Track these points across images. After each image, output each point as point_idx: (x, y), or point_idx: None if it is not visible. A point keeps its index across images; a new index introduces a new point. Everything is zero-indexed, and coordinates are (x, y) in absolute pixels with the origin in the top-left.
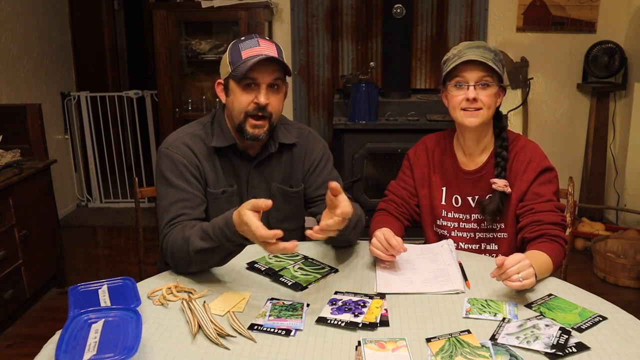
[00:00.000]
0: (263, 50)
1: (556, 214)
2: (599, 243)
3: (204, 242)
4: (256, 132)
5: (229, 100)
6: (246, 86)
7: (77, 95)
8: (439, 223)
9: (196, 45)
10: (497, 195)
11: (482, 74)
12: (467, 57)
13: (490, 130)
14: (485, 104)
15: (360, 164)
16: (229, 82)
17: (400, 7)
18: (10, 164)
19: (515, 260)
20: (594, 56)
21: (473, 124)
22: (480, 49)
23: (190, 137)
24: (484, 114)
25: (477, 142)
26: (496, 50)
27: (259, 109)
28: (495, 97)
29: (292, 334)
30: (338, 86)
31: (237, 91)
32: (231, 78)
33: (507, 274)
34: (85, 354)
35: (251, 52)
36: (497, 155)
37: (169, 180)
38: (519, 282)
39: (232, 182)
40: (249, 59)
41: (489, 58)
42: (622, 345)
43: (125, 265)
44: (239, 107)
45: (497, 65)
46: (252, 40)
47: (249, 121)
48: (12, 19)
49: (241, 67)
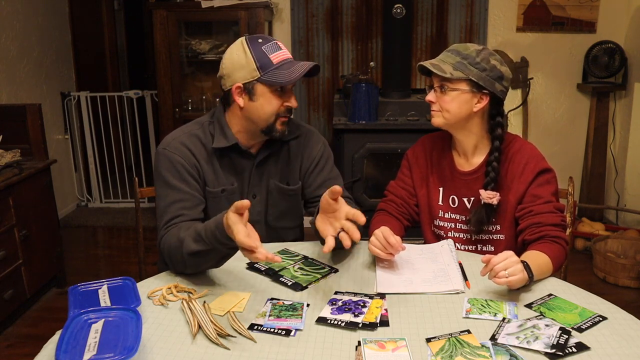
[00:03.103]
0: (287, 54)
1: (556, 215)
2: (599, 243)
3: (197, 245)
4: (284, 128)
5: (254, 105)
6: (278, 90)
7: (77, 95)
8: (436, 223)
9: (196, 45)
10: (483, 206)
11: (444, 80)
12: (423, 62)
13: (481, 132)
14: (443, 108)
15: (360, 164)
16: (256, 86)
17: (400, 7)
18: (10, 164)
19: (502, 257)
20: (594, 56)
21: (435, 124)
22: (449, 53)
23: (188, 137)
24: (446, 116)
25: (468, 143)
26: (473, 54)
27: (289, 110)
28: (459, 102)
29: (292, 334)
30: (338, 86)
31: (269, 95)
32: (262, 83)
33: (494, 271)
34: (85, 354)
35: (280, 57)
36: (488, 164)
37: (167, 180)
38: (505, 279)
39: (233, 181)
40: (282, 64)
41: (450, 63)
42: (622, 345)
43: (125, 265)
44: (271, 111)
45: (462, 71)
46: (271, 43)
47: (279, 120)
48: (12, 19)
49: (280, 75)
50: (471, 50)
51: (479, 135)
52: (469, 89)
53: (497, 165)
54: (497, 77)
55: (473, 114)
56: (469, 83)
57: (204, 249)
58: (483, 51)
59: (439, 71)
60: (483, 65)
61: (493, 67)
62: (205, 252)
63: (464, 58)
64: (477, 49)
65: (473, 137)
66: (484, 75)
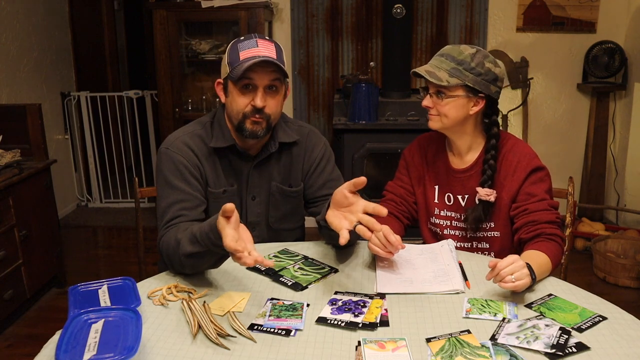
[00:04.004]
0: (261, 52)
1: (551, 212)
2: (599, 243)
3: (193, 247)
4: (255, 128)
5: (228, 101)
6: (244, 87)
7: (77, 95)
8: (432, 221)
9: (196, 45)
10: (480, 203)
11: (439, 85)
12: (418, 69)
13: (475, 131)
14: (441, 113)
15: (360, 164)
16: (228, 82)
17: (400, 7)
18: (10, 164)
19: (508, 261)
20: (594, 56)
21: (432, 127)
22: (443, 58)
23: (190, 137)
24: (444, 121)
25: (462, 143)
26: (468, 59)
27: (255, 111)
28: (456, 107)
29: (292, 334)
30: (338, 86)
31: (235, 93)
32: (229, 79)
33: (501, 276)
34: (85, 354)
35: (249, 53)
36: (484, 162)
37: (169, 180)
38: (512, 283)
39: (232, 182)
40: (246, 60)
41: (445, 69)
42: (622, 345)
43: (125, 265)
44: (236, 109)
45: (458, 77)
46: (250, 41)
47: (247, 120)
48: (12, 19)
49: (237, 69)
50: (465, 54)
51: (473, 135)
52: (465, 94)
53: (494, 163)
54: (492, 80)
55: (469, 117)
56: (465, 89)
57: (199, 251)
58: (477, 54)
59: (435, 79)
60: (478, 70)
61: (488, 71)
62: (201, 254)
63: (459, 64)
64: (471, 52)
65: (467, 137)
66: (479, 80)
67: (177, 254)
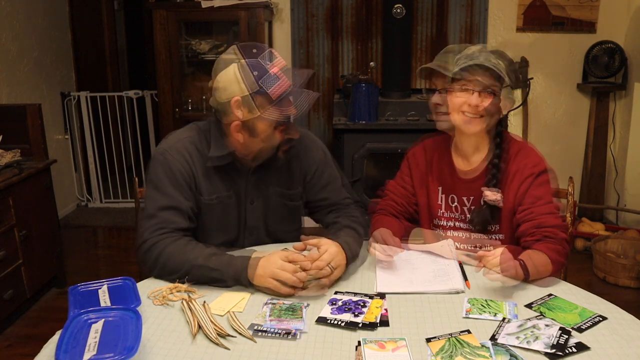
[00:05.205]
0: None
1: (556, 216)
2: (599, 243)
3: (212, 272)
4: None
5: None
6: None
7: (77, 95)
8: (436, 223)
9: (196, 45)
10: (487, 206)
11: (491, 82)
12: (479, 61)
13: (482, 133)
14: (487, 112)
15: (361, 164)
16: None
17: (400, 7)
18: (10, 164)
19: (495, 253)
20: (594, 56)
21: (470, 131)
22: (496, 55)
23: (186, 144)
24: (485, 121)
25: (470, 144)
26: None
27: (289, 140)
28: (498, 106)
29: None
30: (338, 86)
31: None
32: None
33: (487, 267)
34: (85, 354)
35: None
36: (492, 164)
37: (162, 184)
38: (498, 274)
39: (229, 189)
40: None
41: (503, 67)
42: (622, 345)
43: (125, 265)
44: (272, 144)
45: (509, 76)
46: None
47: (280, 150)
48: (12, 19)
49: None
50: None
51: (479, 135)
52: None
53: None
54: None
55: (497, 119)
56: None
57: (216, 277)
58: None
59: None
60: (516, 73)
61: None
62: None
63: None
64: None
65: (475, 138)
66: (513, 78)
67: (181, 265)
